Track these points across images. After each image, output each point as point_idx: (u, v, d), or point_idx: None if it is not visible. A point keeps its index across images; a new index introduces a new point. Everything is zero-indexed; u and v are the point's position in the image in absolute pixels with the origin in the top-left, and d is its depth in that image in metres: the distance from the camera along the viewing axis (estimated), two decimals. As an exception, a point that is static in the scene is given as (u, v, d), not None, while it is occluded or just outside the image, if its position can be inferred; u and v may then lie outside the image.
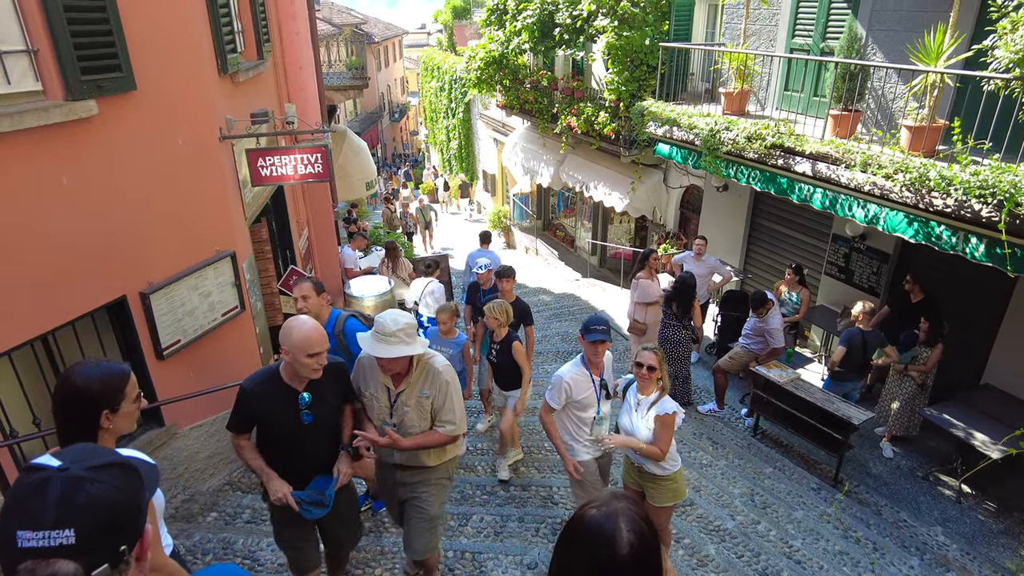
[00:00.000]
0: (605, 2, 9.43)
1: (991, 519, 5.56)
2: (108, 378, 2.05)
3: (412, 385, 3.16)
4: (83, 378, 2.02)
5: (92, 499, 1.04)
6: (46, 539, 1.00)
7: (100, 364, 2.09)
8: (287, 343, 2.75)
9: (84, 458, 1.11)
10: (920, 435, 6.42)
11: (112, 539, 1.06)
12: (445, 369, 3.19)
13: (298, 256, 7.07)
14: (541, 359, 8.94)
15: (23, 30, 3.38)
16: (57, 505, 1.01)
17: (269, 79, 6.55)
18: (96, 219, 3.82)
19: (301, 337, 2.73)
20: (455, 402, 3.20)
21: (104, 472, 1.09)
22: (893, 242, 7.25)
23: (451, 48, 23.25)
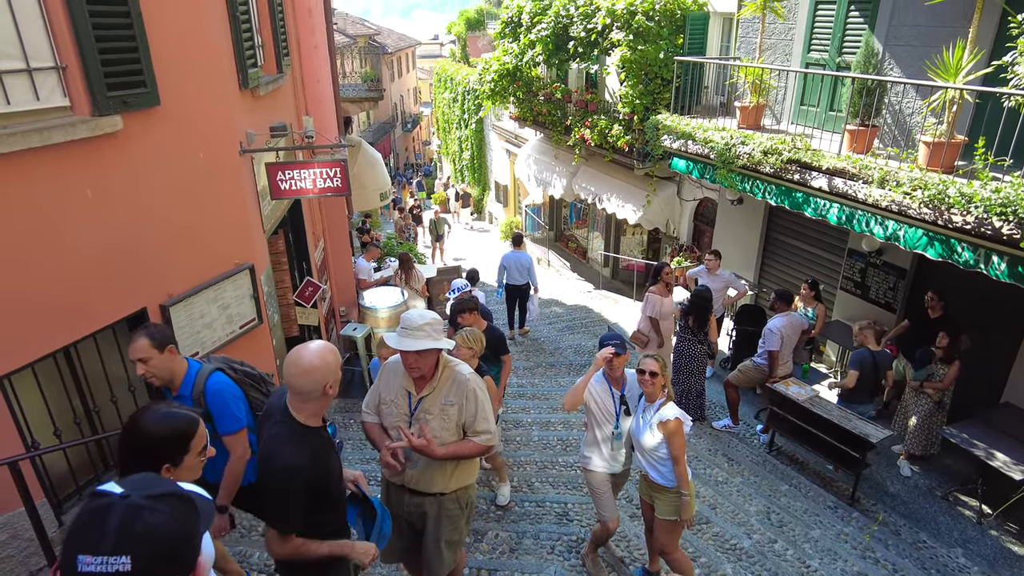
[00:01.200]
0: (620, 15, 9.47)
1: (1013, 541, 5.47)
2: (174, 432, 1.99)
3: (436, 391, 3.00)
4: (150, 426, 1.97)
5: (150, 528, 1.07)
6: (104, 565, 1.03)
7: (169, 413, 2.02)
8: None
9: (145, 487, 1.13)
10: (938, 454, 6.34)
11: (166, 568, 1.08)
12: (472, 377, 3.05)
13: (314, 267, 7.11)
14: (554, 372, 8.94)
15: (52, 47, 3.44)
16: (116, 532, 1.05)
17: (288, 92, 6.61)
18: (119, 232, 3.87)
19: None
20: (488, 411, 3.05)
21: (163, 502, 1.12)
22: (910, 258, 7.20)
23: (464, 59, 23.41)
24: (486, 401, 3.06)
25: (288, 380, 2.37)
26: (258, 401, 3.29)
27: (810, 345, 7.72)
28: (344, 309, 8.58)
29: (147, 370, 2.98)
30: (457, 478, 3.17)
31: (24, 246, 3.35)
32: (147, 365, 2.97)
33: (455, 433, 3.04)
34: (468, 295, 5.63)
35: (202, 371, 3.11)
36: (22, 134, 3.22)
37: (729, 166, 7.43)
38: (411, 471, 3.13)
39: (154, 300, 4.19)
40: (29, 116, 3.37)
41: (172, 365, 3.05)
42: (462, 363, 3.13)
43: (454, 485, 3.17)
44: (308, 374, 2.33)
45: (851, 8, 7.20)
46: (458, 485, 3.19)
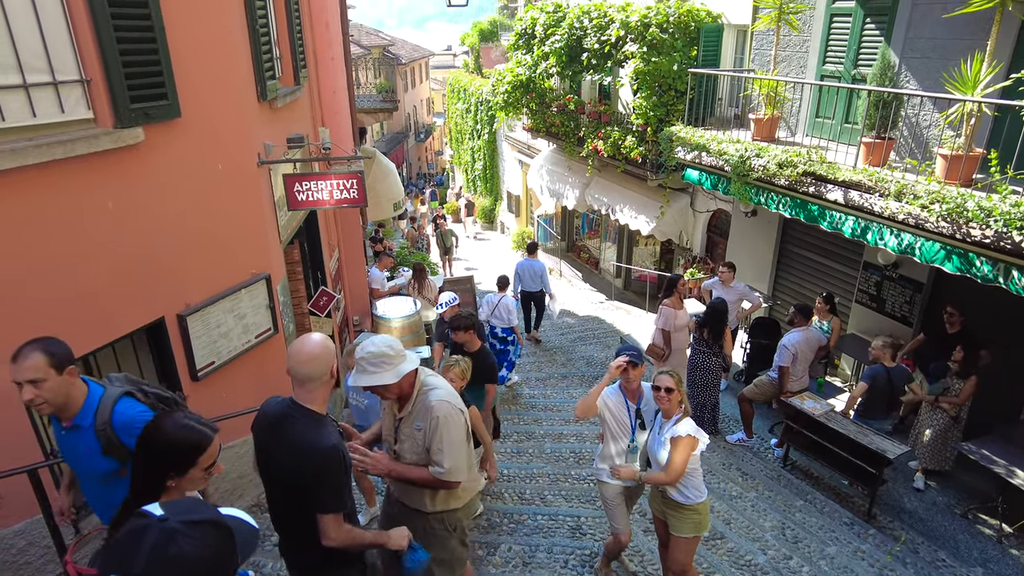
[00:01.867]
0: (634, 28, 9.50)
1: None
2: (185, 443, 2.03)
3: (411, 415, 2.92)
4: (165, 433, 2.01)
5: (181, 553, 1.09)
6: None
7: (186, 426, 2.05)
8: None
9: (185, 512, 1.16)
10: (957, 470, 6.25)
11: None
12: (439, 404, 2.86)
13: (328, 277, 7.16)
14: (566, 383, 8.91)
15: (78, 61, 3.50)
16: (148, 555, 1.07)
17: (305, 104, 6.68)
18: (138, 242, 3.91)
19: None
20: (446, 443, 2.84)
21: (198, 529, 1.13)
22: (927, 271, 7.13)
23: (477, 70, 23.56)
24: (448, 432, 2.85)
25: (295, 370, 2.43)
26: None
27: (825, 359, 7.65)
28: (357, 319, 8.62)
29: (38, 395, 2.43)
30: (439, 500, 3.10)
31: (46, 256, 3.40)
32: (39, 389, 2.42)
33: (427, 459, 2.93)
34: (466, 311, 5.36)
35: (107, 396, 2.62)
36: (47, 146, 3.27)
37: (743, 178, 7.41)
38: (393, 482, 3.16)
39: (172, 309, 4.24)
40: (54, 128, 3.43)
41: (70, 389, 2.53)
42: (438, 387, 2.97)
43: (437, 507, 3.11)
44: (315, 360, 2.43)
45: (867, 21, 7.18)
46: (442, 507, 3.12)
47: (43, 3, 3.31)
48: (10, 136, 3.24)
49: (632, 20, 9.52)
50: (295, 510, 2.46)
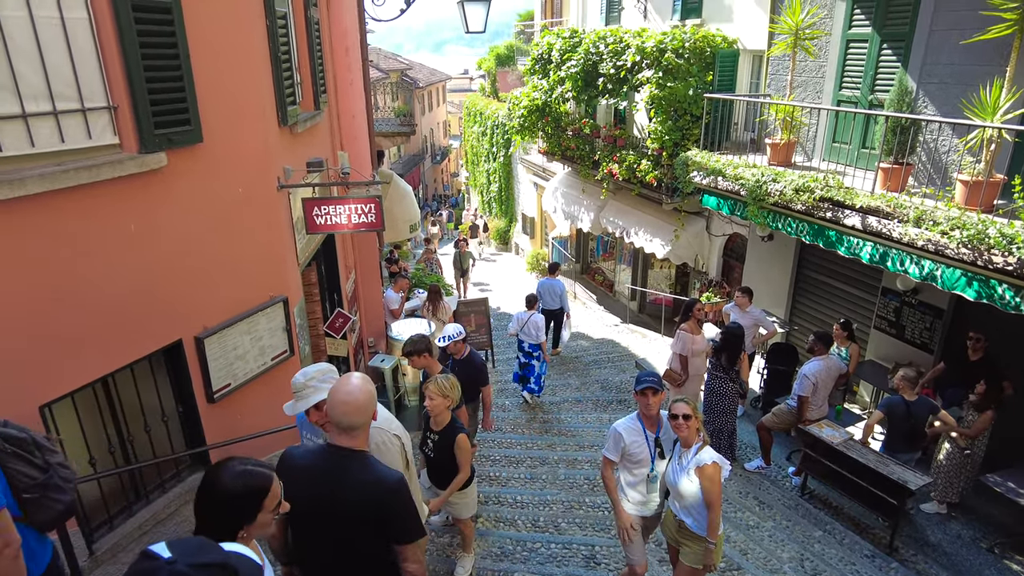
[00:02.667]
0: (650, 53, 9.57)
1: (1064, 598, 5.20)
2: (248, 489, 2.00)
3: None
4: (226, 484, 1.99)
5: None
6: None
7: (245, 471, 2.03)
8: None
9: (192, 554, 1.15)
10: (982, 502, 6.09)
11: None
12: (373, 432, 2.79)
13: (344, 299, 7.20)
14: (580, 407, 8.85)
15: (106, 88, 3.59)
16: None
17: (324, 128, 6.79)
18: (159, 264, 3.97)
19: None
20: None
21: (206, 571, 1.13)
22: (947, 297, 7.02)
23: (494, 94, 23.80)
24: (383, 460, 2.71)
25: (340, 420, 2.43)
26: (27, 476, 2.43)
27: (844, 386, 7.54)
28: (372, 340, 8.64)
29: None
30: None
31: (69, 278, 3.46)
32: None
33: None
34: (417, 334, 5.15)
35: None
36: (74, 171, 3.35)
37: (760, 203, 7.38)
38: None
39: (190, 331, 4.28)
40: (80, 153, 3.51)
41: None
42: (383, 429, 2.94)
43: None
44: (360, 410, 2.45)
45: (883, 47, 7.18)
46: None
47: (75, 35, 3.41)
48: (39, 161, 3.32)
49: (648, 46, 9.60)
50: (365, 550, 2.46)
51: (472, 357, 5.57)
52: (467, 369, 5.44)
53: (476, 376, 5.50)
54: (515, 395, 9.47)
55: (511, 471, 6.61)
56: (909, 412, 5.72)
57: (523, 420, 8.33)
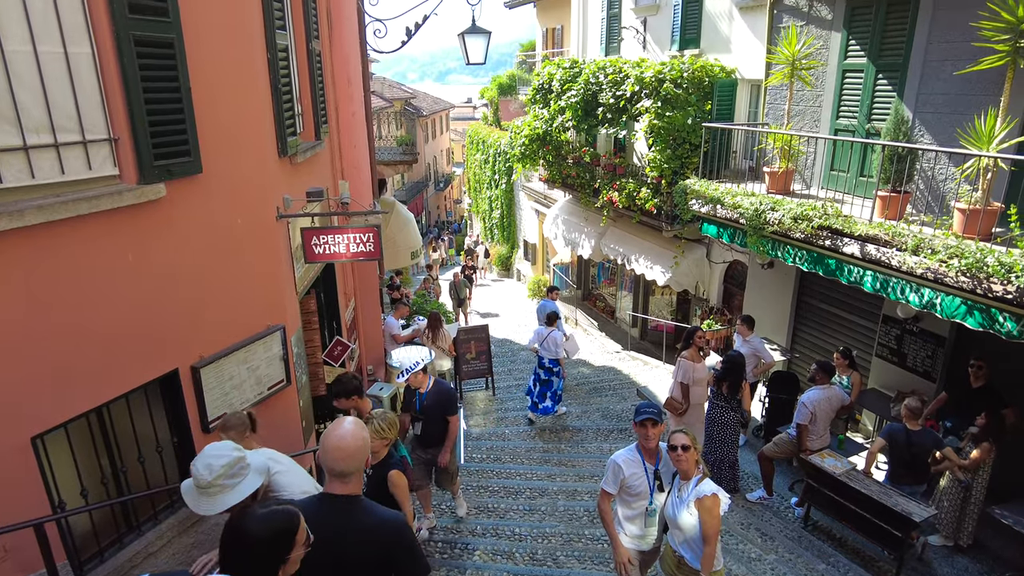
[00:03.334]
0: (648, 83, 9.68)
1: (1075, 635, 5.07)
2: (280, 532, 2.03)
3: None
4: (255, 531, 2.01)
5: None
6: None
7: (270, 515, 2.05)
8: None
9: None
10: (990, 535, 5.98)
11: None
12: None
13: (344, 327, 7.19)
14: (580, 436, 8.77)
15: (107, 120, 3.64)
16: None
17: (325, 158, 6.85)
18: (156, 294, 3.97)
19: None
20: None
21: None
22: (948, 324, 6.99)
23: (496, 123, 24.08)
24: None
25: (332, 466, 2.46)
26: None
27: (846, 415, 7.47)
28: (371, 368, 8.62)
29: None
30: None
31: (64, 308, 3.46)
32: None
33: None
34: (349, 373, 4.99)
35: None
36: (73, 202, 3.37)
37: (759, 232, 7.39)
38: None
39: (186, 361, 4.27)
40: (80, 185, 3.54)
41: None
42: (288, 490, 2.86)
43: None
44: (353, 456, 2.48)
45: (879, 77, 7.26)
46: None
47: (78, 69, 3.46)
48: (38, 193, 3.35)
49: (647, 76, 9.72)
50: None
51: (439, 387, 5.42)
52: (435, 399, 5.33)
53: (446, 407, 5.38)
54: (515, 424, 9.41)
55: (509, 502, 6.53)
56: (909, 441, 5.66)
57: (522, 450, 8.26)
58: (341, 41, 7.14)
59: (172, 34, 3.82)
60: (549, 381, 9.12)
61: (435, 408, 5.36)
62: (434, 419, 5.39)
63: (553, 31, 18.58)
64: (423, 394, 5.39)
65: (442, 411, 5.38)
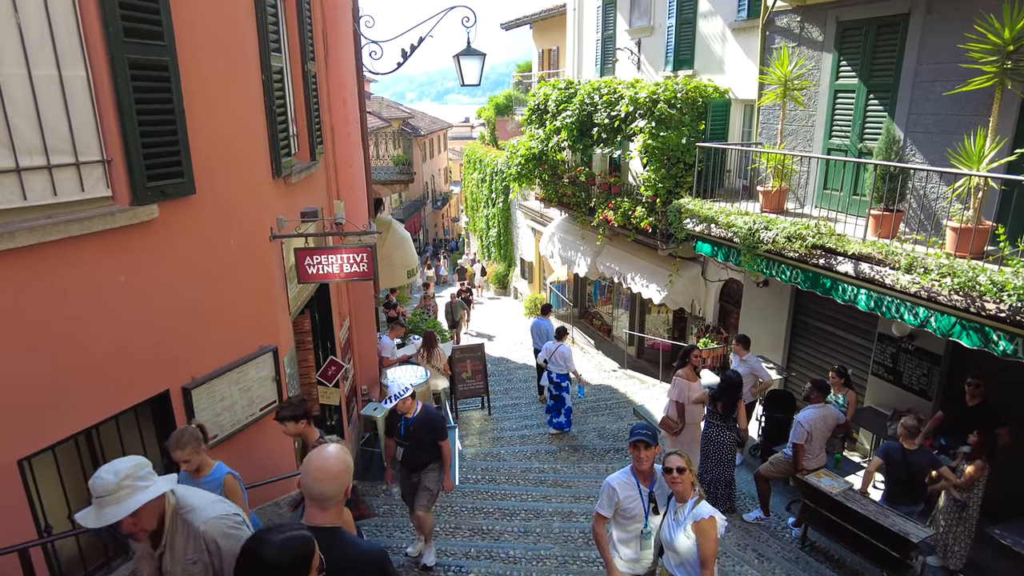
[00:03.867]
0: (643, 104, 9.77)
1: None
2: (297, 557, 2.03)
3: (171, 548, 2.56)
4: (273, 558, 2.00)
5: None
6: None
7: (286, 540, 2.04)
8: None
9: None
10: (989, 555, 5.92)
11: None
12: (210, 526, 2.53)
13: (338, 346, 7.17)
14: (577, 456, 8.72)
15: (100, 142, 3.65)
16: None
17: (320, 178, 6.88)
18: (148, 315, 3.96)
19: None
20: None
21: None
22: (944, 343, 6.99)
23: (493, 142, 24.25)
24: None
25: (312, 488, 2.40)
26: None
27: (842, 434, 7.43)
28: (366, 388, 8.58)
29: None
30: None
31: (55, 330, 3.44)
32: None
33: None
34: (296, 396, 4.72)
35: None
36: (65, 223, 3.37)
37: (753, 251, 7.42)
38: None
39: (177, 382, 4.25)
40: (72, 206, 3.54)
41: None
42: (198, 507, 2.60)
43: None
44: (335, 478, 2.43)
45: (870, 97, 7.34)
46: None
47: (73, 91, 3.48)
48: (30, 214, 3.35)
49: (641, 96, 9.81)
50: None
51: (426, 412, 5.28)
52: (424, 427, 5.21)
53: (435, 432, 5.25)
54: (510, 444, 9.35)
55: (504, 524, 6.47)
56: (907, 460, 5.63)
57: (518, 470, 8.20)
58: (337, 63, 7.20)
59: (167, 57, 3.85)
60: (560, 397, 9.28)
61: (423, 433, 5.22)
62: (421, 444, 5.27)
63: (549, 52, 18.79)
64: (409, 419, 5.23)
65: (431, 436, 5.25)
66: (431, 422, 5.23)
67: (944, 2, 6.37)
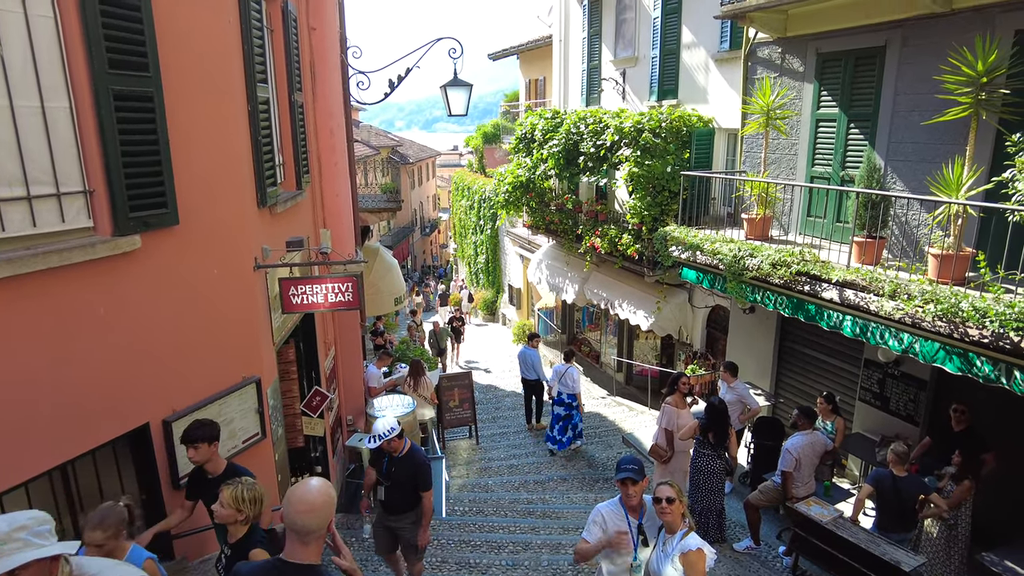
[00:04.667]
0: (628, 133, 9.89)
1: None
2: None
3: None
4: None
5: None
6: None
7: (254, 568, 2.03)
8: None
9: None
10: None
11: None
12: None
13: (323, 377, 7.09)
14: (566, 487, 8.62)
15: (82, 173, 3.62)
16: None
17: (307, 207, 6.87)
18: (128, 347, 3.90)
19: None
20: None
21: None
22: (929, 368, 7.02)
23: (481, 170, 24.45)
24: None
25: (295, 520, 2.34)
26: None
27: (831, 460, 7.41)
28: (351, 418, 8.47)
29: None
30: None
31: (31, 363, 3.37)
32: None
33: None
34: (208, 420, 4.10)
35: None
36: (43, 255, 3.32)
37: (738, 278, 7.46)
38: None
39: (157, 415, 4.17)
40: (52, 237, 3.50)
41: None
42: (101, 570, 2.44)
43: None
44: (317, 510, 2.37)
45: (851, 126, 7.47)
46: None
47: (55, 123, 3.46)
48: (8, 245, 3.30)
49: (626, 126, 9.93)
50: None
51: (414, 454, 4.90)
52: (407, 468, 4.86)
53: (416, 478, 4.85)
54: (498, 474, 9.24)
55: (491, 557, 6.34)
56: (896, 487, 5.61)
57: (506, 501, 8.08)
58: (324, 93, 7.25)
59: (152, 88, 3.85)
60: (570, 416, 9.67)
61: (405, 478, 4.88)
62: (401, 488, 4.94)
63: (536, 82, 19.05)
64: (395, 458, 4.92)
65: (413, 483, 4.90)
66: (416, 467, 4.88)
67: (919, 36, 6.54)
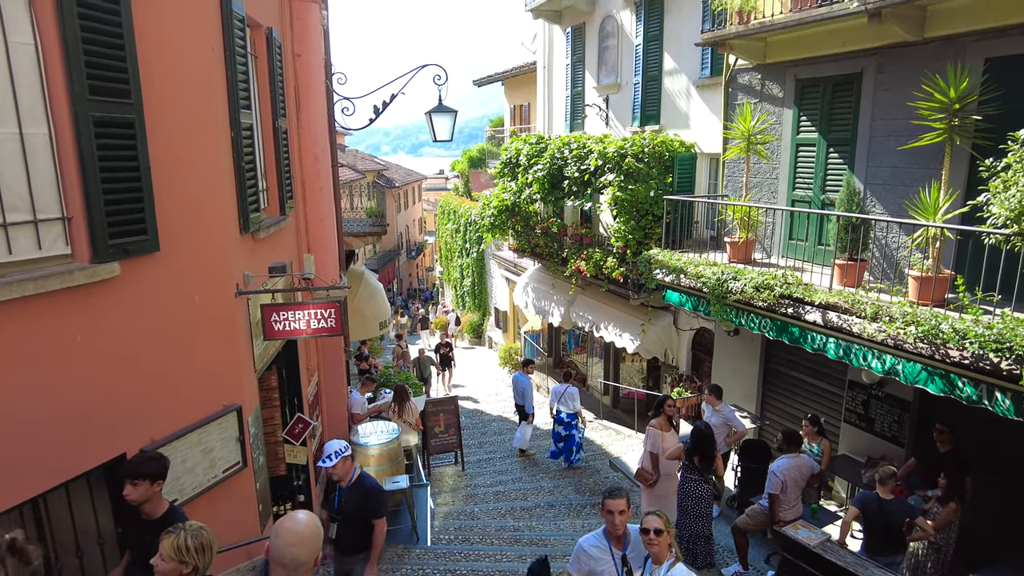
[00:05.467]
0: (611, 158, 9.99)
1: None
2: None
3: None
4: None
5: None
6: None
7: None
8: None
9: None
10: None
11: None
12: None
13: (306, 403, 6.99)
14: (553, 513, 8.52)
15: (61, 200, 3.58)
16: None
17: (290, 232, 6.83)
18: (105, 377, 3.82)
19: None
20: None
21: None
22: (912, 390, 7.07)
23: (467, 194, 24.55)
24: None
25: (284, 553, 2.30)
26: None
27: (817, 483, 7.40)
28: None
29: None
30: None
31: (5, 392, 3.29)
32: None
33: None
34: (150, 452, 3.86)
35: None
36: (18, 283, 3.25)
37: (722, 301, 7.50)
38: None
39: (135, 445, 4.06)
40: (28, 264, 3.43)
41: None
42: None
43: None
44: (306, 542, 2.34)
45: (830, 151, 7.61)
46: None
47: (33, 150, 3.42)
48: (-19, 274, 3.24)
49: (609, 151, 10.04)
50: None
51: (363, 480, 4.71)
52: (357, 498, 4.65)
53: (367, 508, 4.59)
54: (484, 501, 9.12)
55: (478, 586, 6.25)
56: (883, 510, 5.60)
57: (492, 529, 7.97)
58: (309, 118, 7.26)
59: (133, 115, 3.83)
60: (571, 435, 10.09)
61: (354, 508, 4.62)
62: (351, 524, 4.67)
63: (520, 108, 19.25)
64: (343, 489, 4.67)
65: (363, 513, 4.64)
66: (366, 494, 4.63)
67: (893, 63, 6.70)
